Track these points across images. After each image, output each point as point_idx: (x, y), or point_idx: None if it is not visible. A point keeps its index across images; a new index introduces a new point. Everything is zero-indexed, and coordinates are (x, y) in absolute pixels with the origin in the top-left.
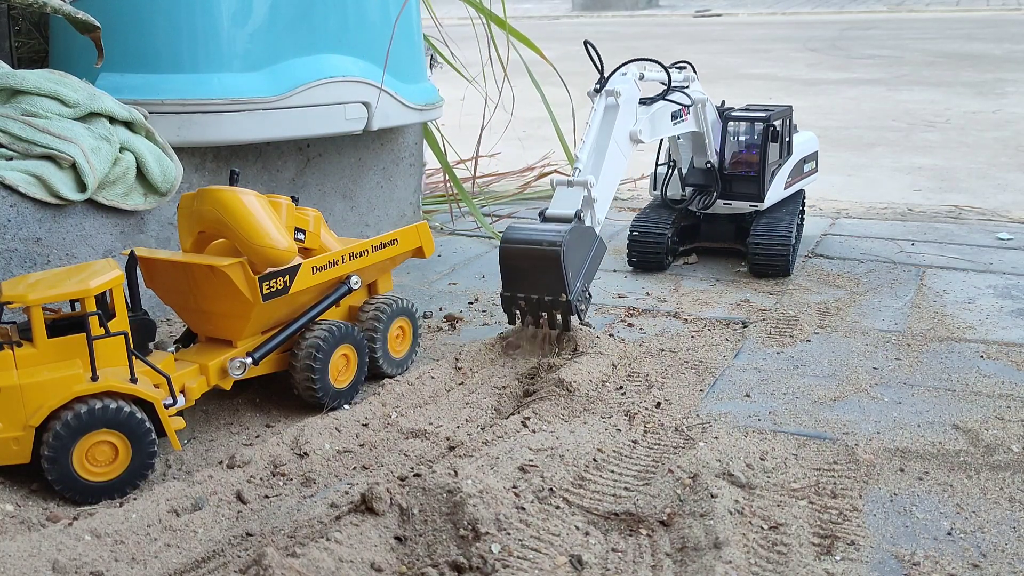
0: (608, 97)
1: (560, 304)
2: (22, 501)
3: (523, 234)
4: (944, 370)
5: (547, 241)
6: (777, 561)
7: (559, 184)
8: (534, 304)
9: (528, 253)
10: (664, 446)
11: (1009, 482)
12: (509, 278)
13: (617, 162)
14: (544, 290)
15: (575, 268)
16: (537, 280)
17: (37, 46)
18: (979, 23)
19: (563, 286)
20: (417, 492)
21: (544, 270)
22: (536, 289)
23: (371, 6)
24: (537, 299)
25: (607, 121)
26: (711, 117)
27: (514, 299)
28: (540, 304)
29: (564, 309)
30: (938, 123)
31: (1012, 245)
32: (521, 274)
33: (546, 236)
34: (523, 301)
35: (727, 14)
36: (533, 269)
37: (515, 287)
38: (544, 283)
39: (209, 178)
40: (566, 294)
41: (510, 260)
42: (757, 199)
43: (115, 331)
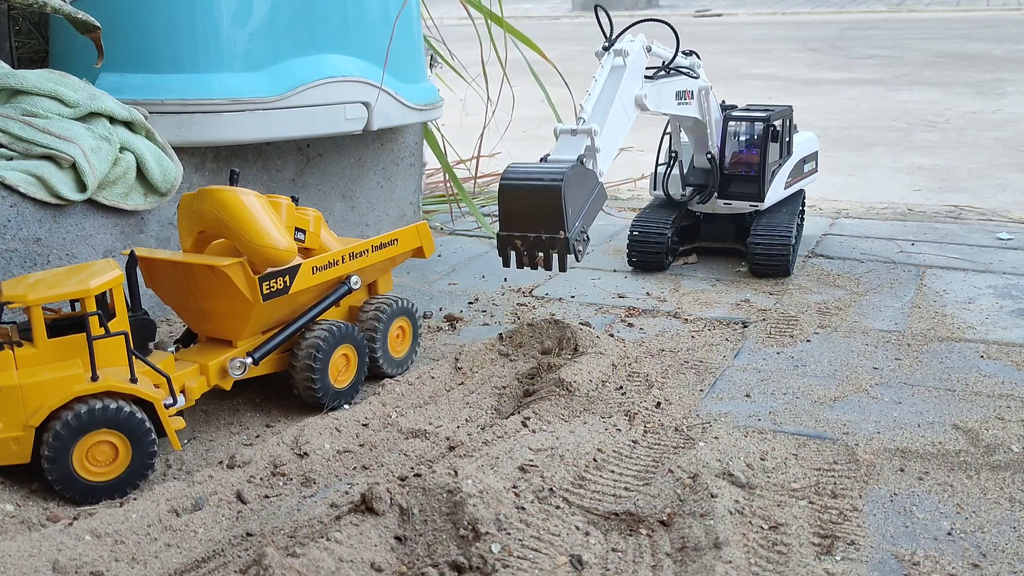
0: (616, 57)
1: (558, 242)
2: (22, 501)
3: (524, 172)
4: (944, 370)
5: (549, 177)
6: (777, 561)
7: (563, 132)
8: (531, 243)
9: (528, 190)
10: (664, 446)
11: (1009, 482)
12: (507, 217)
13: (621, 121)
14: (542, 228)
15: (575, 207)
16: (535, 218)
17: (37, 46)
18: (979, 23)
19: (562, 224)
20: (417, 492)
21: (543, 207)
22: (534, 227)
23: (371, 6)
24: (534, 238)
25: (613, 79)
26: (714, 108)
27: (510, 239)
28: (537, 243)
29: (562, 247)
30: (938, 123)
31: (1012, 245)
32: (519, 212)
33: (547, 173)
34: (519, 240)
35: (727, 14)
36: (532, 207)
37: (512, 226)
38: (543, 221)
39: (209, 178)
40: (564, 232)
41: (509, 198)
42: (757, 199)
43: (115, 331)
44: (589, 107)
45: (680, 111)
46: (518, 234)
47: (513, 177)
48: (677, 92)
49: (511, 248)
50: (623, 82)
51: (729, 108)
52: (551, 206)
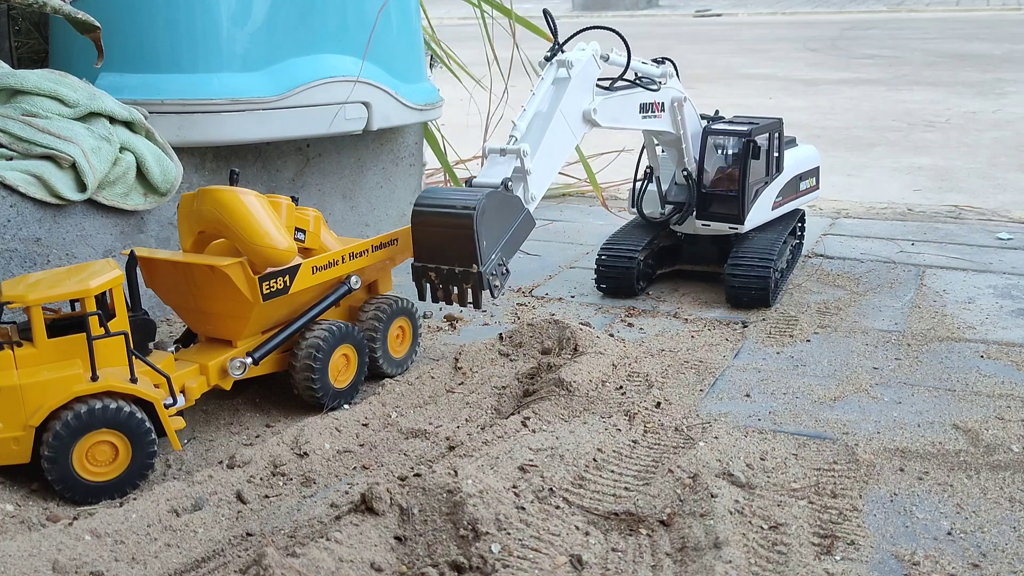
0: (559, 68)
1: (471, 277)
2: (22, 501)
3: (437, 199)
4: (944, 370)
5: (461, 205)
6: (777, 561)
7: (491, 152)
8: (444, 276)
9: (440, 219)
10: (664, 446)
11: (1009, 482)
12: (421, 247)
13: (562, 139)
14: (455, 260)
15: (491, 238)
16: (448, 250)
17: (37, 46)
18: (979, 23)
19: (475, 257)
20: (417, 492)
21: (455, 239)
22: (447, 260)
23: (371, 6)
24: (447, 271)
25: (555, 93)
26: (690, 120)
27: (424, 270)
28: (451, 277)
29: (475, 283)
30: (938, 123)
31: (1012, 245)
32: (433, 243)
33: (460, 200)
34: (433, 273)
35: (727, 14)
36: (444, 238)
37: (426, 256)
38: (455, 253)
39: (209, 178)
40: (478, 265)
41: (421, 227)
42: (736, 221)
43: (115, 331)
44: (523, 124)
45: (648, 125)
46: (432, 266)
47: (425, 204)
48: (642, 104)
49: (425, 280)
50: (566, 96)
51: (715, 119)
52: (463, 238)
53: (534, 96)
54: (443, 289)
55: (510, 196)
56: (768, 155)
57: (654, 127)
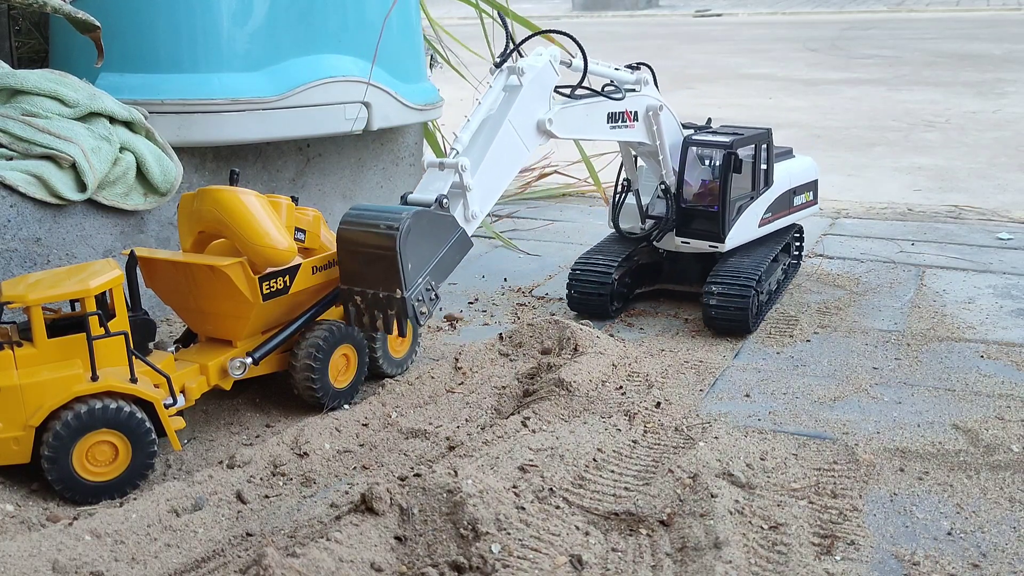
0: (510, 75)
1: (395, 303)
2: (22, 501)
3: (362, 217)
4: (944, 370)
5: (385, 225)
6: (777, 561)
7: (429, 165)
8: (369, 300)
9: (363, 238)
10: (664, 446)
11: (1009, 482)
12: (345, 268)
13: (511, 151)
14: (380, 284)
15: (418, 261)
16: (372, 272)
17: (37, 46)
18: (979, 23)
19: (397, 280)
20: (417, 492)
21: (379, 260)
22: (372, 283)
23: (371, 6)
24: (372, 295)
25: (504, 102)
26: (668, 130)
27: (350, 293)
28: (375, 302)
29: (399, 309)
30: (938, 123)
31: (1012, 245)
32: (357, 264)
33: (384, 218)
34: (359, 296)
35: (727, 14)
36: (368, 258)
37: (351, 279)
38: (379, 276)
39: (209, 178)
40: (401, 290)
41: (345, 245)
42: (716, 239)
43: (115, 331)
44: (465, 136)
45: (619, 136)
46: (357, 289)
47: (350, 222)
48: (610, 114)
49: (351, 304)
50: (516, 105)
51: (701, 129)
52: (386, 260)
53: (480, 105)
54: (368, 315)
55: (442, 215)
56: (754, 168)
57: (626, 138)
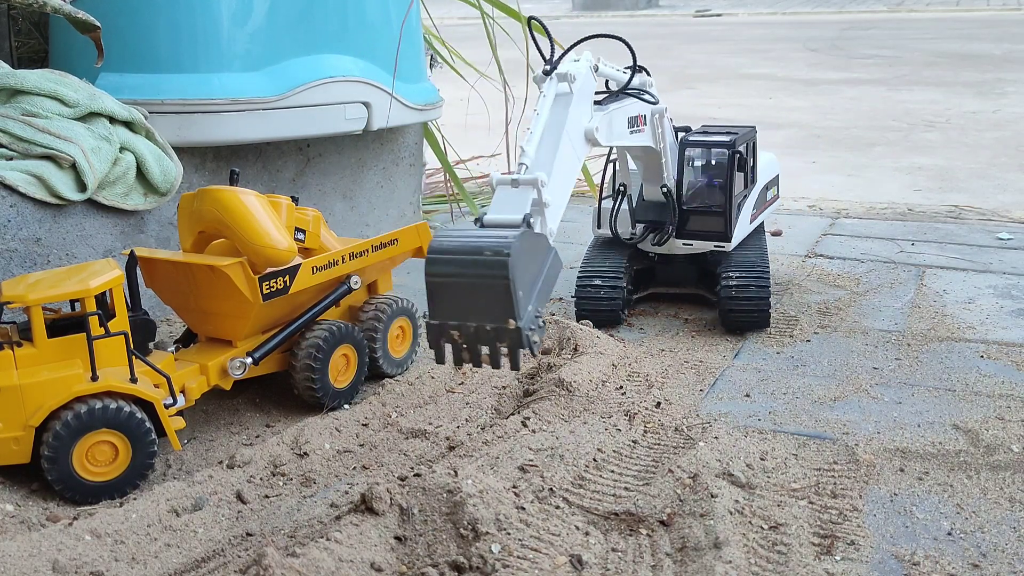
0: (560, 82)
1: (507, 334)
2: (22, 501)
3: (458, 243)
4: (944, 370)
5: (490, 249)
6: (777, 561)
7: (500, 184)
8: (471, 335)
9: (464, 266)
10: (664, 446)
11: (1009, 482)
12: (439, 302)
13: (570, 163)
14: (486, 316)
15: (526, 286)
16: (476, 303)
17: (37, 46)
18: (979, 23)
19: (510, 309)
20: (417, 492)
21: (487, 291)
22: (475, 315)
23: (371, 6)
24: (476, 329)
25: (558, 110)
26: (668, 133)
27: (443, 329)
28: (480, 335)
29: (513, 340)
30: (938, 123)
31: (1012, 245)
32: (455, 295)
33: (489, 243)
34: (456, 331)
35: (727, 14)
36: (471, 288)
37: (446, 313)
38: (486, 308)
39: (209, 178)
40: (515, 320)
41: (440, 277)
42: (723, 238)
43: (115, 331)
44: (532, 149)
45: (633, 141)
46: (455, 323)
47: (444, 251)
48: (629, 119)
49: (445, 340)
50: (570, 114)
51: (681, 131)
52: (497, 289)
53: (538, 116)
54: (469, 350)
55: (537, 236)
56: (746, 166)
57: (639, 142)
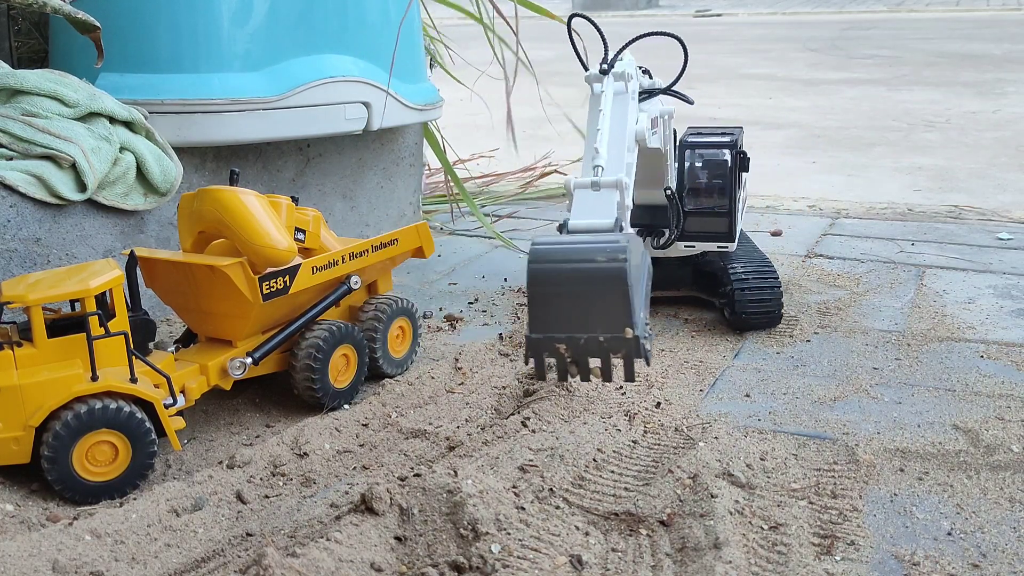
0: (617, 81)
1: (623, 344)
2: (22, 501)
3: (563, 250)
4: (944, 370)
5: (604, 255)
6: (777, 561)
7: (579, 187)
8: (581, 347)
9: (577, 276)
10: (664, 446)
11: (1009, 482)
12: (543, 312)
13: (634, 164)
14: (598, 326)
15: (637, 294)
16: (589, 314)
17: (37, 46)
18: (979, 23)
19: (628, 318)
20: (417, 492)
21: (601, 297)
22: (586, 326)
23: (371, 6)
24: (586, 341)
25: (619, 110)
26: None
27: (549, 343)
28: (591, 347)
29: (629, 350)
30: (938, 123)
31: (1012, 245)
32: (564, 306)
33: (601, 249)
34: (563, 344)
35: (727, 14)
36: (584, 297)
37: (551, 325)
38: (599, 316)
39: (209, 178)
40: (632, 328)
41: (548, 287)
42: (727, 239)
43: (115, 331)
44: (604, 148)
45: (652, 143)
46: (561, 336)
47: (549, 260)
48: (652, 120)
49: (550, 354)
50: (629, 114)
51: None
52: (614, 297)
53: (603, 115)
54: (578, 364)
55: (639, 240)
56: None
57: (655, 144)
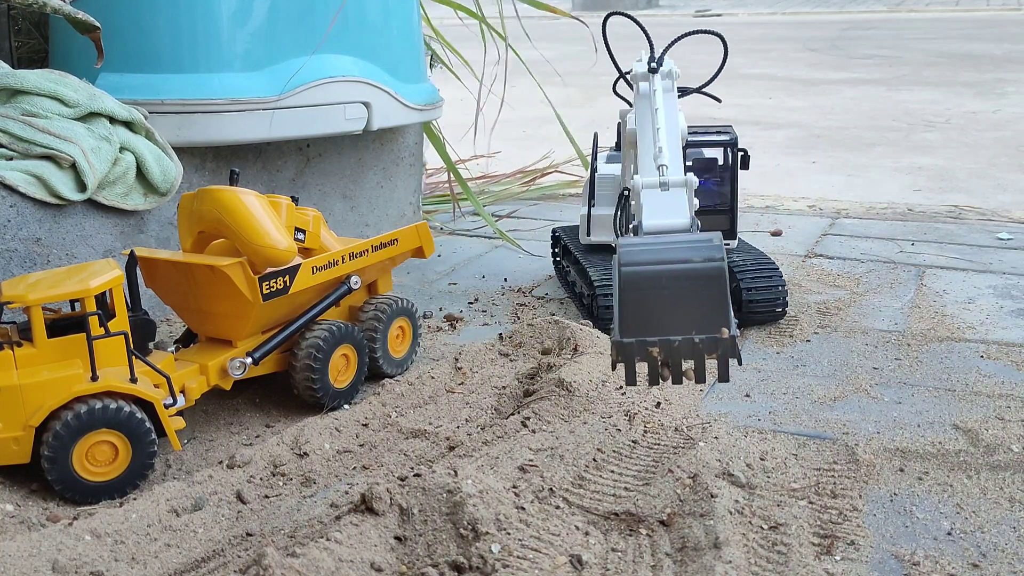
0: (665, 79)
1: (720, 344)
2: (22, 501)
3: (656, 252)
4: (944, 370)
5: (701, 256)
6: (777, 561)
7: (647, 187)
8: (675, 350)
9: (673, 278)
10: (664, 446)
11: (1009, 482)
12: (636, 315)
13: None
14: (694, 327)
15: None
16: (686, 316)
17: (37, 46)
18: (979, 23)
19: (725, 318)
20: (417, 492)
21: (700, 301)
22: (681, 327)
23: (371, 6)
24: (681, 343)
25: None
26: None
27: (642, 347)
28: (685, 349)
29: (725, 350)
30: (938, 123)
31: (1012, 245)
32: (657, 308)
33: (695, 250)
34: (656, 348)
35: (727, 14)
36: (682, 301)
37: (644, 328)
38: (696, 318)
39: (209, 178)
40: (728, 329)
41: (644, 290)
42: (728, 236)
43: (115, 331)
44: (666, 146)
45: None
46: (654, 339)
47: (642, 263)
48: None
49: (642, 359)
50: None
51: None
52: (713, 296)
53: (660, 112)
54: (671, 366)
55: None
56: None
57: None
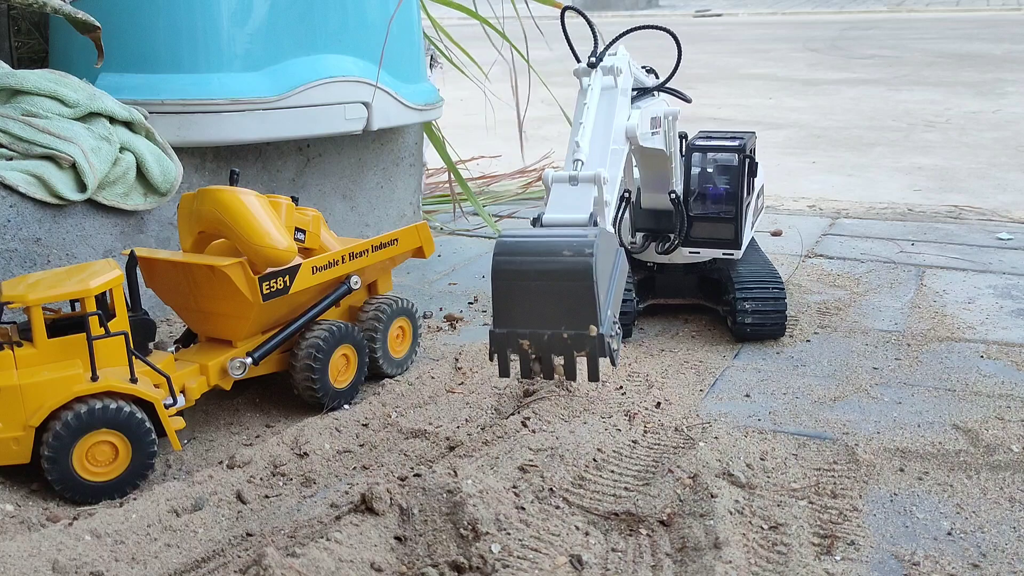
0: (606, 75)
1: (587, 342)
2: (22, 501)
3: (529, 243)
4: (944, 370)
5: (570, 249)
6: (777, 561)
7: (556, 181)
8: (544, 344)
9: (540, 270)
10: (664, 446)
11: (1009, 482)
12: (507, 307)
13: (620, 161)
14: (562, 322)
15: (603, 290)
16: (551, 308)
17: (37, 46)
18: (979, 23)
19: (592, 315)
20: (417, 492)
21: (567, 295)
22: (550, 322)
23: (371, 6)
24: (550, 337)
25: (606, 105)
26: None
27: (512, 338)
28: (555, 344)
29: (593, 349)
30: (938, 123)
31: (1012, 245)
32: (526, 301)
33: (567, 243)
34: (527, 341)
35: (727, 14)
36: (547, 292)
37: (515, 320)
38: (563, 312)
39: (209, 178)
40: (596, 326)
41: (513, 281)
42: (733, 246)
43: (115, 331)
44: (585, 143)
45: (652, 143)
46: (524, 331)
47: (513, 253)
48: (652, 119)
49: (513, 351)
50: (617, 109)
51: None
52: (579, 292)
53: (587, 108)
54: (541, 361)
55: (609, 235)
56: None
57: (656, 145)
